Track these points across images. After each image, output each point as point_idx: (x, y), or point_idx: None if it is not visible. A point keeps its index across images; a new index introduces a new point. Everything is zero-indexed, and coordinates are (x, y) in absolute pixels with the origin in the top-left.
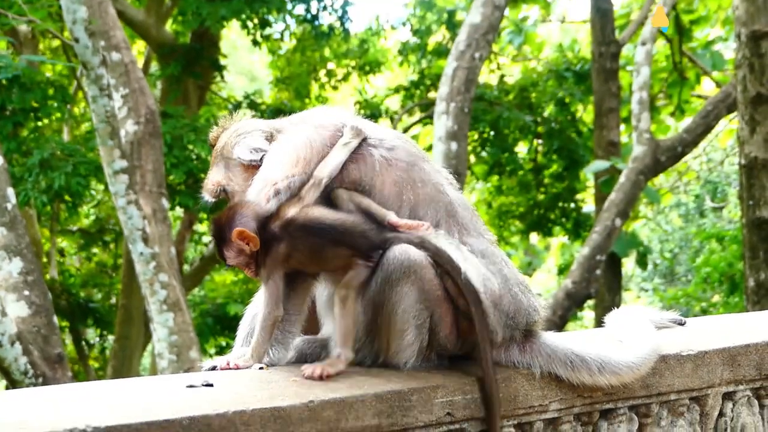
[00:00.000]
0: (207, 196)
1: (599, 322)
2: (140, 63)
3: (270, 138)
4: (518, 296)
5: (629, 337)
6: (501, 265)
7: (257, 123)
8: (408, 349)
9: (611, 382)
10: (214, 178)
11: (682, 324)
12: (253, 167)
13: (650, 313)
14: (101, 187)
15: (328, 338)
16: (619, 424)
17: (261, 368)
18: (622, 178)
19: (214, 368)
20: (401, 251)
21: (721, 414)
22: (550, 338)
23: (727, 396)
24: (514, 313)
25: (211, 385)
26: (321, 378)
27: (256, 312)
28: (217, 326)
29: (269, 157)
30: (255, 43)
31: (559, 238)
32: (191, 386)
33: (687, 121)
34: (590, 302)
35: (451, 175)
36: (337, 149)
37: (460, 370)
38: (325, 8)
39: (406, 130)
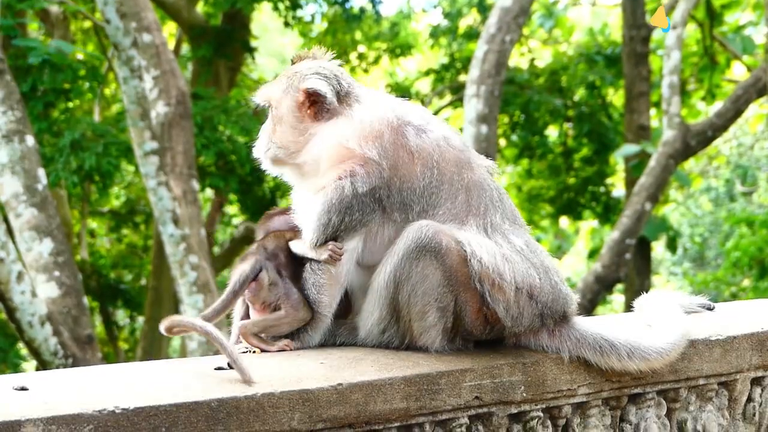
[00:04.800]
0: (257, 99)
1: (629, 306)
2: (171, 45)
3: (339, 97)
4: (557, 285)
5: (659, 322)
6: (543, 255)
7: (339, 72)
8: (431, 330)
9: (640, 368)
10: (269, 92)
11: (711, 309)
12: (308, 111)
13: (679, 298)
14: (132, 168)
15: (357, 321)
16: (647, 408)
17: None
18: (652, 162)
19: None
20: (425, 226)
21: (749, 399)
22: (580, 323)
23: (756, 381)
24: (552, 302)
25: None
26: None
27: None
28: None
29: (345, 122)
30: (286, 24)
31: (588, 222)
32: (220, 368)
33: (717, 105)
34: (620, 286)
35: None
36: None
37: (489, 354)
38: None
39: (436, 113)
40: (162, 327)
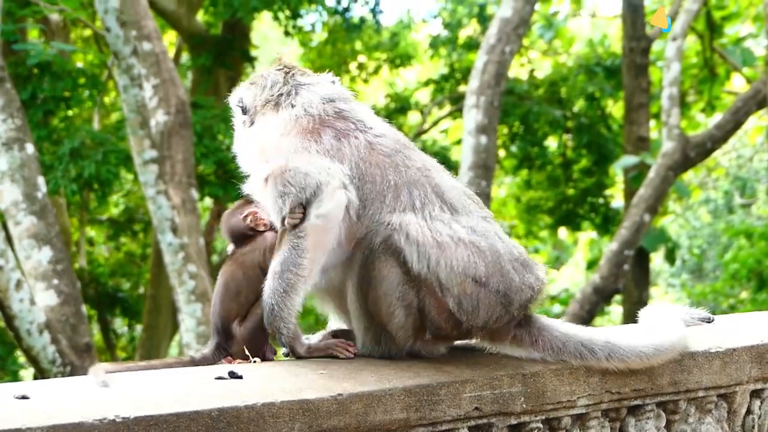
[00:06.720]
0: None
1: (627, 318)
2: (171, 53)
3: (262, 105)
4: (509, 274)
5: (654, 330)
6: (494, 239)
7: (273, 81)
8: (401, 331)
9: (619, 367)
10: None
11: (710, 321)
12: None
13: (680, 311)
14: (131, 176)
15: (356, 333)
16: (646, 420)
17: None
18: (651, 174)
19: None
20: (371, 230)
21: (748, 411)
22: (562, 328)
23: (755, 393)
24: (504, 291)
25: (240, 377)
26: None
27: None
28: None
29: (265, 124)
30: (287, 34)
31: (587, 233)
32: (220, 378)
33: (717, 117)
34: (618, 297)
35: (477, 171)
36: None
37: (489, 365)
38: (356, 0)
39: (435, 123)
40: None
